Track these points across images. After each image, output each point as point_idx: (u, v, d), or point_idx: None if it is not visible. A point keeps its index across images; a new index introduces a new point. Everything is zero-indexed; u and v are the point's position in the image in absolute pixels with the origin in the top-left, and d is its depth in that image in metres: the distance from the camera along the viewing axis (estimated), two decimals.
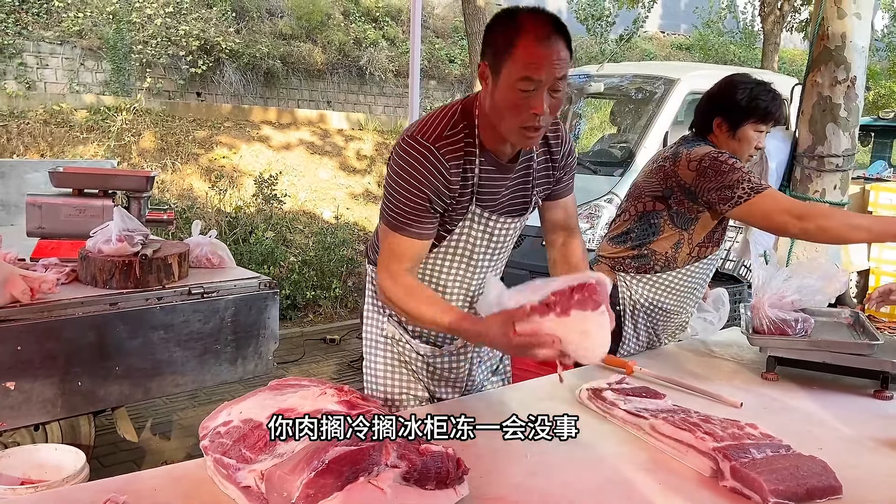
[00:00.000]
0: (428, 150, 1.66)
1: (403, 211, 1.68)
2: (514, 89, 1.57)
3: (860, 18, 2.86)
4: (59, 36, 9.00)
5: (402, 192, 1.67)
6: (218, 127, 9.00)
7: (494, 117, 1.65)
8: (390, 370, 2.00)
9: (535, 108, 1.57)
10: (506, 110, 1.60)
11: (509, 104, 1.59)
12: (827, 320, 2.36)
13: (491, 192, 1.77)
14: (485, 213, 1.78)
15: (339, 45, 11.28)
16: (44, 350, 2.50)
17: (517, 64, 1.55)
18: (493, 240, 1.85)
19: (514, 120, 1.60)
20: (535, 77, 1.55)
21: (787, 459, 1.46)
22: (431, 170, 1.65)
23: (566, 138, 1.92)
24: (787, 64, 16.16)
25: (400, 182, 1.67)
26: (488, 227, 1.81)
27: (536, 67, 1.54)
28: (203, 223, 3.31)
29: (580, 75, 6.52)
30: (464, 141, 1.69)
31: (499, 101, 1.61)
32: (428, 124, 1.70)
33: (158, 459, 3.58)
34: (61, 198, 3.15)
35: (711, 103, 2.44)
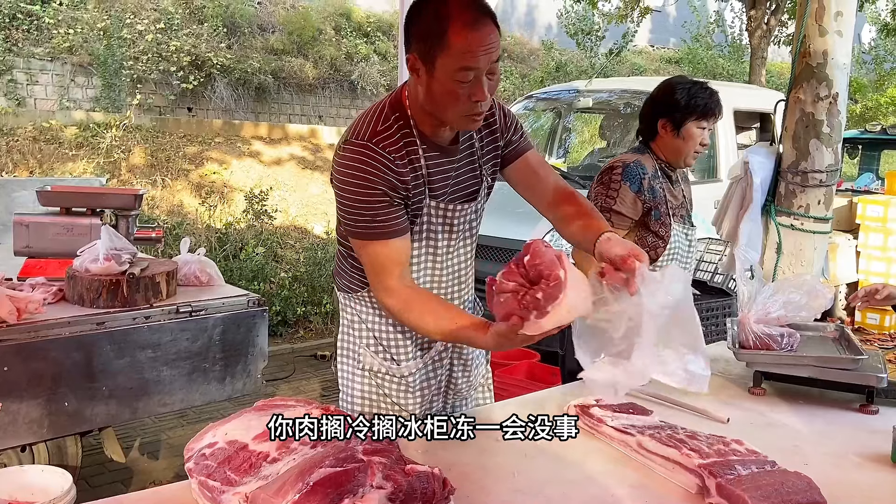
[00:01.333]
0: (365, 148, 1.62)
1: (366, 215, 1.63)
2: (452, 80, 1.54)
3: (841, 36, 2.89)
4: (50, 52, 9.01)
5: (356, 198, 1.62)
6: (208, 142, 9.01)
7: (434, 108, 1.62)
8: (369, 403, 1.93)
9: (478, 97, 1.56)
10: (447, 101, 1.58)
11: (450, 95, 1.56)
12: (813, 335, 2.37)
13: (441, 180, 1.73)
14: (440, 203, 1.75)
15: (330, 60, 11.33)
16: (30, 370, 2.49)
17: (452, 55, 1.51)
18: (454, 228, 1.81)
19: (457, 109, 1.59)
20: (473, 66, 1.52)
21: (773, 476, 1.46)
22: (376, 165, 1.61)
23: (498, 106, 1.85)
24: (776, 77, 16.32)
25: (350, 189, 1.62)
26: (447, 217, 1.78)
27: (472, 56, 1.51)
28: (192, 241, 3.30)
29: (570, 90, 6.57)
30: (399, 132, 1.66)
31: (437, 93, 1.58)
32: (358, 126, 1.67)
33: (146, 480, 3.55)
34: (49, 217, 3.14)
35: (653, 107, 2.54)
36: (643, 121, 2.59)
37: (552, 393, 2.17)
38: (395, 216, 1.65)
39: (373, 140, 1.62)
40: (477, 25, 1.51)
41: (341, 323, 2.00)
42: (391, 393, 1.92)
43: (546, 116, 6.64)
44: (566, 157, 7.17)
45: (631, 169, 2.48)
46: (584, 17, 14.76)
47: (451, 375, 2.01)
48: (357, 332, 1.93)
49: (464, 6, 1.52)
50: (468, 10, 1.52)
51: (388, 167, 1.62)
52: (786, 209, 3.00)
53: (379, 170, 1.61)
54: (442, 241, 1.81)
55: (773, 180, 3.03)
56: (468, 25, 1.50)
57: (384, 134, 1.64)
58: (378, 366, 1.91)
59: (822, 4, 2.86)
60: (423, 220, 1.75)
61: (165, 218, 7.32)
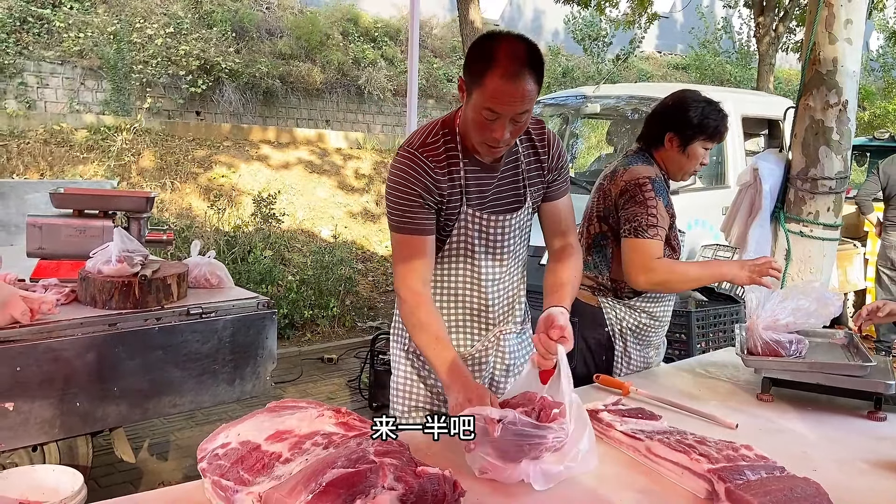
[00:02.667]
0: (412, 155, 1.86)
1: (400, 210, 1.85)
2: (479, 113, 1.73)
3: (851, 44, 2.89)
4: (60, 56, 9.07)
5: (396, 196, 1.85)
6: (217, 146, 9.05)
7: (464, 129, 1.85)
8: (410, 382, 2.09)
9: (496, 134, 1.74)
10: (472, 128, 1.79)
11: (475, 124, 1.77)
12: (821, 342, 2.38)
13: (479, 191, 1.91)
14: (476, 211, 1.91)
15: (337, 65, 11.37)
16: (42, 371, 2.51)
17: (484, 95, 1.70)
18: (491, 237, 1.95)
19: (478, 137, 1.79)
20: (497, 110, 1.70)
21: (782, 481, 1.47)
22: (417, 170, 1.84)
23: (553, 141, 2.01)
24: (783, 84, 16.30)
25: (394, 188, 1.86)
26: (482, 225, 1.93)
27: (499, 103, 1.69)
28: (202, 243, 3.32)
29: (577, 96, 6.57)
30: (444, 146, 1.87)
31: (468, 118, 1.80)
32: (413, 137, 1.92)
33: (155, 480, 3.57)
34: (61, 218, 3.17)
35: (663, 118, 2.51)
36: (649, 128, 2.56)
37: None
38: (423, 216, 1.86)
39: (419, 150, 1.87)
40: (514, 79, 1.66)
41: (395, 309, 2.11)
42: (428, 377, 2.05)
43: (553, 122, 6.65)
44: (573, 162, 7.18)
45: (657, 182, 2.44)
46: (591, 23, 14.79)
47: (494, 378, 2.10)
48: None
49: (511, 56, 1.67)
50: (513, 62, 1.66)
51: (427, 173, 1.84)
52: (795, 216, 3.00)
53: (419, 174, 1.84)
54: (479, 248, 1.95)
55: (783, 187, 3.03)
56: (505, 76, 1.66)
57: (431, 146, 1.88)
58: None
59: (831, 12, 2.86)
60: (461, 227, 1.92)
61: (174, 221, 7.35)
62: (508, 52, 1.67)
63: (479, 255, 1.96)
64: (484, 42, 1.73)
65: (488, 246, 1.96)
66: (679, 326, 4.93)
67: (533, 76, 1.68)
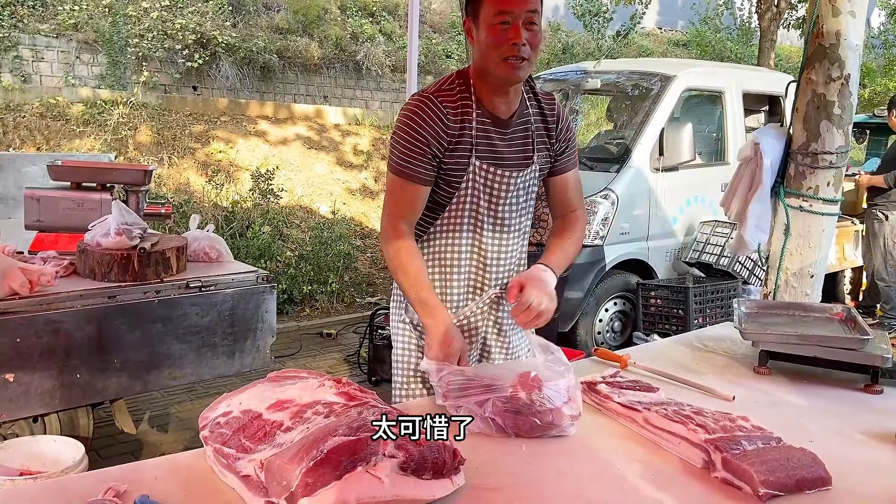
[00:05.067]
0: (427, 100, 1.85)
1: (405, 154, 1.84)
2: (492, 26, 1.77)
3: (854, 16, 2.87)
4: (55, 29, 8.97)
5: (404, 139, 1.85)
6: (214, 121, 8.99)
7: (482, 61, 1.84)
8: (409, 352, 2.10)
9: (513, 38, 1.76)
10: (488, 47, 1.80)
11: (490, 40, 1.79)
12: (819, 315, 2.39)
13: (489, 145, 1.90)
14: (484, 164, 1.90)
15: (335, 40, 11.26)
16: (42, 342, 2.52)
17: (491, 3, 1.76)
18: (495, 195, 1.94)
19: (496, 53, 1.79)
20: (508, 9, 1.75)
21: (778, 451, 1.48)
22: (430, 114, 1.83)
23: (562, 114, 2.04)
24: (784, 61, 16.19)
25: (403, 130, 1.85)
26: (488, 180, 1.92)
27: (508, 2, 1.75)
28: (201, 217, 3.32)
29: (577, 71, 6.53)
30: (460, 95, 1.88)
31: (482, 43, 1.81)
32: (429, 86, 1.94)
33: (156, 452, 3.60)
34: (59, 191, 3.16)
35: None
36: None
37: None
38: (426, 165, 1.86)
39: (434, 94, 1.87)
40: None
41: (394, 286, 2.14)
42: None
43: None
44: None
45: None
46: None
47: (486, 342, 2.10)
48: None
49: None
50: None
51: (440, 118, 1.84)
52: (795, 191, 2.99)
53: (431, 118, 1.84)
54: (482, 206, 1.95)
55: (783, 162, 3.02)
56: None
57: (446, 92, 1.88)
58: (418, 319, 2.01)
59: None
60: (468, 181, 1.91)
61: (172, 196, 7.32)
62: None
63: (484, 224, 1.96)
64: None
65: (491, 206, 1.95)
66: (677, 302, 4.97)
67: None
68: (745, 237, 3.05)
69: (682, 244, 5.61)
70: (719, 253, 5.34)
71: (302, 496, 1.18)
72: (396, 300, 2.14)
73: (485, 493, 1.36)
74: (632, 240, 5.24)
